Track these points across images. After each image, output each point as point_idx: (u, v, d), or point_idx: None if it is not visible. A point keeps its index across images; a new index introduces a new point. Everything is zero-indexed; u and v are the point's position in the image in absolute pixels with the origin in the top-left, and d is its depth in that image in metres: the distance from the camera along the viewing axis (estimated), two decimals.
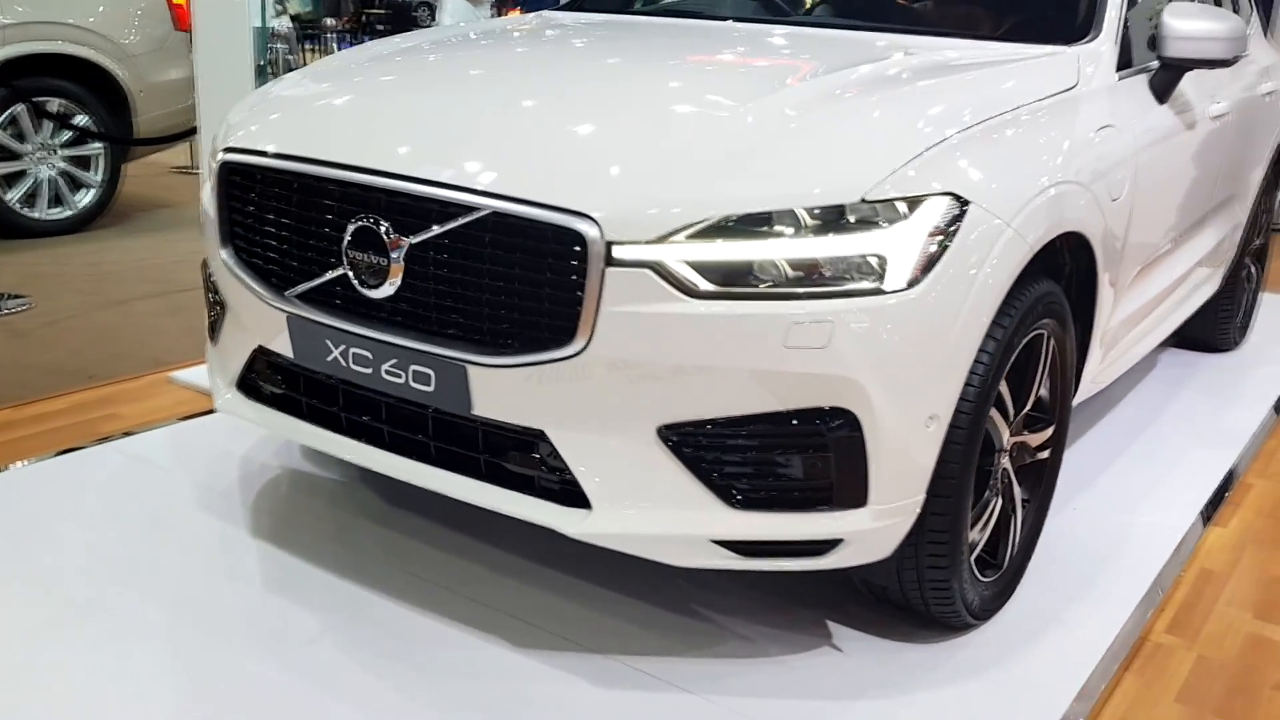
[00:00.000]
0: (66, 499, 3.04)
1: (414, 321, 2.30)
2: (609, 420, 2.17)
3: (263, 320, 2.55)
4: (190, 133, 5.74)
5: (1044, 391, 2.70)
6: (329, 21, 6.27)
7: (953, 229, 2.17)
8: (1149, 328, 3.58)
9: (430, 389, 2.30)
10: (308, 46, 12.52)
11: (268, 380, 2.66)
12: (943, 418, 2.23)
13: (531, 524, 2.29)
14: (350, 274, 2.34)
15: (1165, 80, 3.24)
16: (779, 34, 3.20)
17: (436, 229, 2.22)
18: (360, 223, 2.30)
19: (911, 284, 2.12)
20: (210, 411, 3.64)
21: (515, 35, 3.34)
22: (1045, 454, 2.78)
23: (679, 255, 2.09)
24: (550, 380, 2.17)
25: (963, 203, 2.20)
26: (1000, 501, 2.63)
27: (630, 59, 2.98)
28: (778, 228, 2.11)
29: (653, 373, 2.12)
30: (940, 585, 2.44)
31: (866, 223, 2.12)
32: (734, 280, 2.09)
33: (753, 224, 2.11)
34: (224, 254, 2.58)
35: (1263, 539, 3.31)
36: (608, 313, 2.09)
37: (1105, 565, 2.99)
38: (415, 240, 2.25)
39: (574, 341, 2.12)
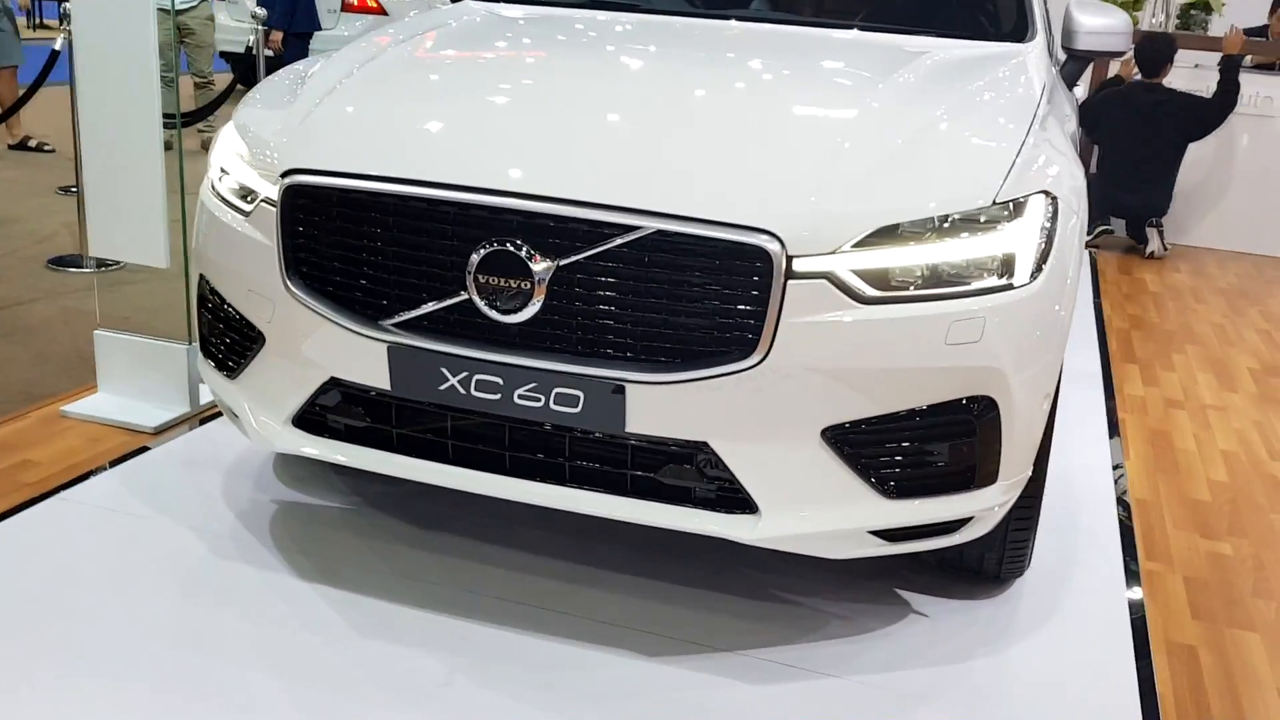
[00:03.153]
0: (57, 563, 2.69)
1: (557, 344, 2.25)
2: (776, 426, 2.23)
3: (344, 351, 2.39)
4: None
5: None
6: None
7: (1052, 223, 2.38)
8: None
9: (576, 410, 2.26)
10: None
11: (342, 413, 2.49)
12: (1051, 393, 2.46)
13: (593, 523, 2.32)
14: (478, 299, 2.25)
15: (1074, 71, 3.62)
16: (769, 32, 3.28)
17: (589, 250, 2.18)
18: (493, 247, 2.21)
19: (1034, 276, 2.31)
20: (143, 450, 3.33)
21: (564, 31, 3.27)
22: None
23: (847, 265, 2.18)
24: (719, 392, 2.19)
25: (1052, 198, 2.41)
26: None
27: (693, 62, 2.99)
28: (928, 233, 2.23)
29: (823, 378, 2.20)
30: (1019, 545, 2.69)
31: (998, 224, 2.29)
32: (893, 285, 2.20)
33: (906, 230, 2.22)
34: (291, 284, 2.39)
35: (1164, 466, 3.81)
36: (787, 324, 2.15)
37: (1072, 508, 3.34)
38: (563, 262, 2.19)
39: (753, 354, 2.16)
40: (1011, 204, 2.32)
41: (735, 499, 2.29)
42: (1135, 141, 6.97)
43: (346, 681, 2.34)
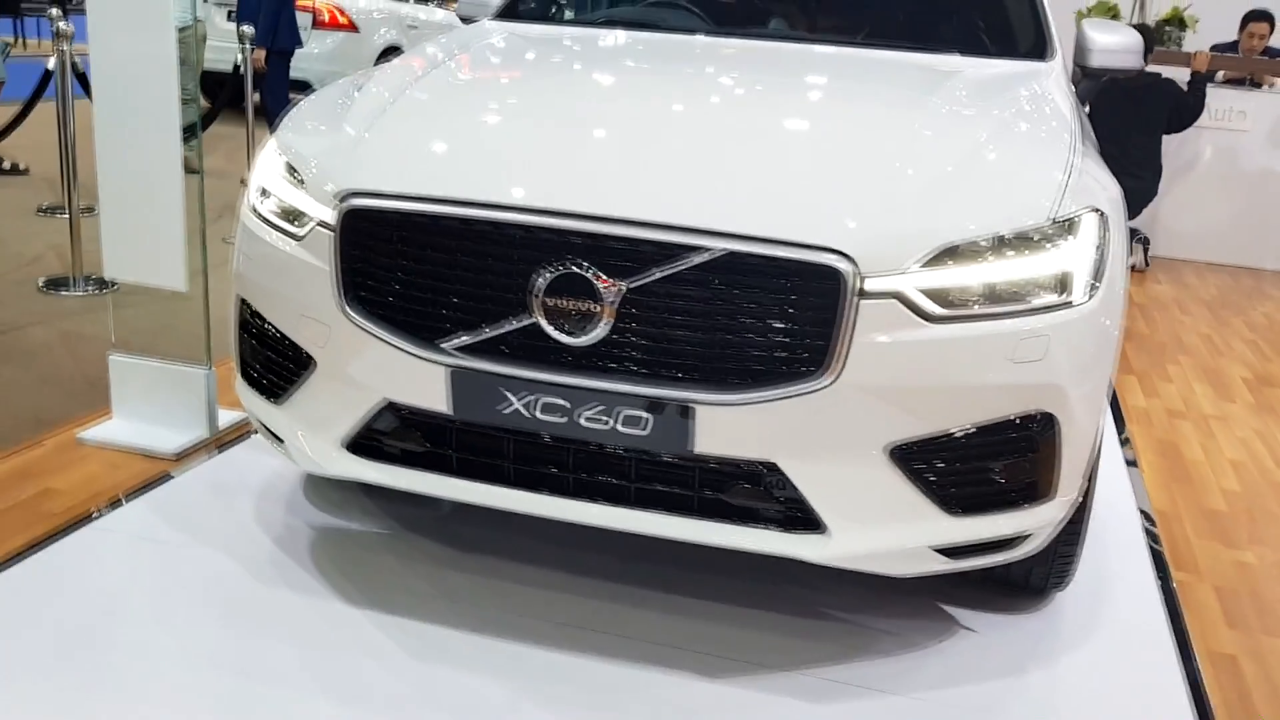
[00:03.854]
0: (96, 594, 2.63)
1: (623, 365, 2.24)
2: (844, 446, 2.24)
3: (401, 374, 2.37)
4: None
5: None
6: None
7: (1103, 240, 2.42)
8: None
9: (643, 432, 2.25)
10: None
11: (398, 437, 2.46)
12: (1104, 408, 2.49)
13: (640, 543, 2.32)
14: (544, 322, 2.24)
15: (1089, 89, 3.68)
16: (797, 51, 3.31)
17: (658, 272, 2.18)
18: (560, 270, 2.20)
19: (1090, 293, 2.34)
20: (167, 476, 3.28)
21: (602, 52, 3.29)
22: None
23: (915, 284, 2.19)
24: (788, 412, 2.20)
25: (1102, 215, 2.45)
26: None
27: (736, 82, 3.02)
28: (989, 252, 2.26)
29: (891, 396, 2.21)
30: (1066, 559, 2.72)
31: (1055, 241, 2.32)
32: (958, 303, 2.22)
33: (969, 250, 2.24)
34: (349, 308, 2.36)
35: (1177, 477, 3.87)
36: (859, 343, 2.16)
37: (1095, 520, 3.37)
38: (631, 284, 2.19)
39: (824, 373, 2.17)
40: (1066, 222, 2.35)
41: (803, 518, 2.29)
42: (1126, 126, 7.05)
43: (409, 708, 2.31)
